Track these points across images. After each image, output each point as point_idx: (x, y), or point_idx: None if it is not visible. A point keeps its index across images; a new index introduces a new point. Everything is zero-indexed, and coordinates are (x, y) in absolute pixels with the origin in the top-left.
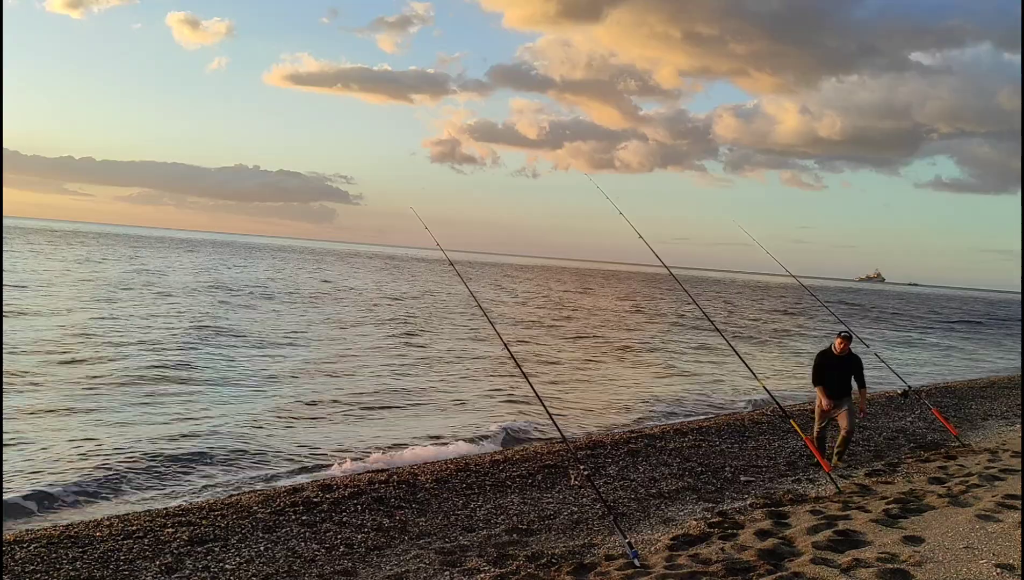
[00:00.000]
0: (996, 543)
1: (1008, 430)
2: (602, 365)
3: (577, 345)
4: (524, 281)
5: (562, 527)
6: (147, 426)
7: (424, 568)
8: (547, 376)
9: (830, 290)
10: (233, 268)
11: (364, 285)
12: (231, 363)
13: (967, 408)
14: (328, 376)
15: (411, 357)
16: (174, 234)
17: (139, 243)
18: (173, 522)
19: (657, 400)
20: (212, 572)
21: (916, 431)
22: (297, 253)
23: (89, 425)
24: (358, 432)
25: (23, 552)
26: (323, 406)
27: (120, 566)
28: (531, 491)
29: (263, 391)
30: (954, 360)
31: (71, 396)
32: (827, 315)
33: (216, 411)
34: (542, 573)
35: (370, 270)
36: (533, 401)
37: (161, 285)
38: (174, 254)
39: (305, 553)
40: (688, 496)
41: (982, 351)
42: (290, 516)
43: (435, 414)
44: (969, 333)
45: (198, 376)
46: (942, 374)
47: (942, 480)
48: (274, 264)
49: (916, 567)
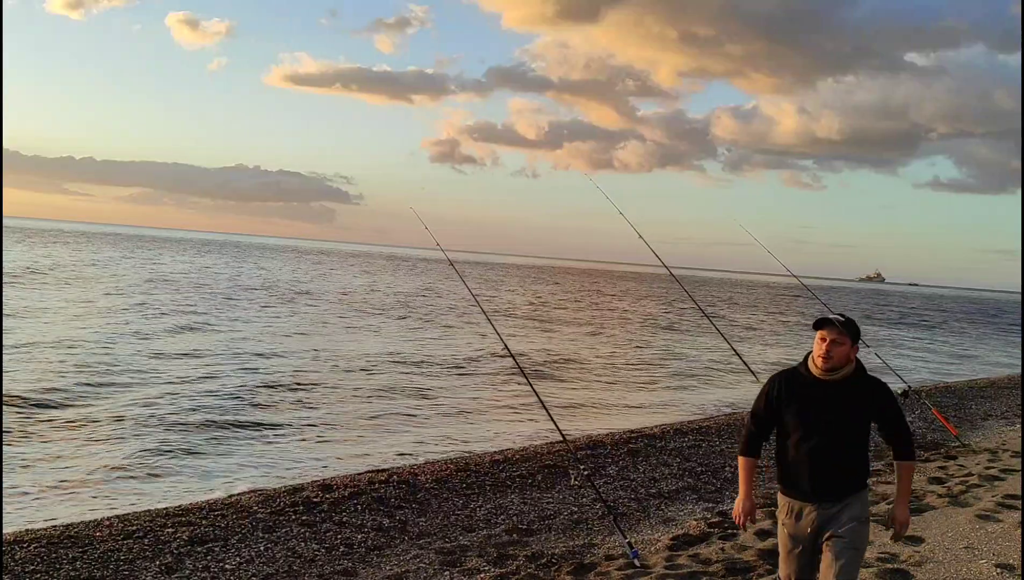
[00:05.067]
0: (996, 543)
1: (1008, 430)
2: (602, 365)
3: (577, 345)
4: (524, 282)
5: (562, 527)
6: (147, 426)
7: (424, 568)
8: (547, 376)
9: (836, 290)
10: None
11: (404, 284)
12: (235, 360)
13: (967, 408)
14: (327, 376)
15: (412, 357)
16: (175, 234)
17: (151, 245)
18: (173, 522)
19: (657, 400)
20: (212, 572)
21: (916, 431)
22: (312, 254)
23: (90, 424)
24: (359, 432)
25: (23, 552)
26: (323, 406)
27: (120, 566)
28: (531, 491)
29: (263, 390)
30: (954, 360)
31: (85, 394)
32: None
33: (216, 411)
34: (542, 573)
35: (388, 270)
36: (533, 401)
37: (222, 288)
38: (189, 256)
39: (305, 553)
40: (688, 496)
41: (982, 350)
42: (290, 516)
43: (435, 414)
44: (969, 333)
45: (200, 375)
46: (942, 374)
47: (942, 480)
48: (305, 265)
49: (916, 567)
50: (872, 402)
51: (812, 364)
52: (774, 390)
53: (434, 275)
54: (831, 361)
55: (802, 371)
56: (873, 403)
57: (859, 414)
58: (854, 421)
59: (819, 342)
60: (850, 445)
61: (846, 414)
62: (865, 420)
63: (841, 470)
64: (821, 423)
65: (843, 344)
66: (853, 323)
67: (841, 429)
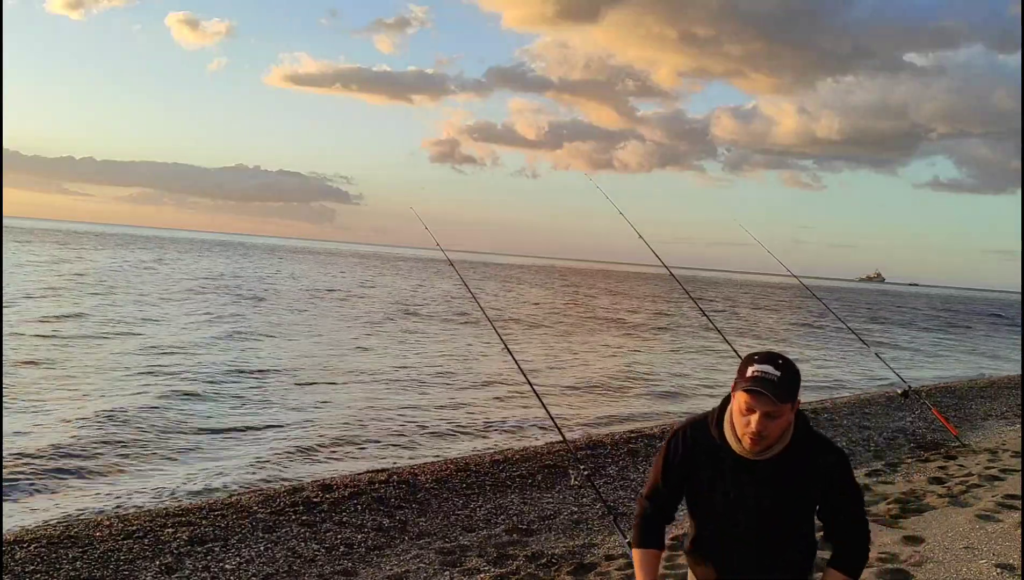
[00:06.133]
0: (996, 543)
1: (1008, 430)
2: (603, 365)
3: (578, 345)
4: (525, 281)
5: (562, 527)
6: (146, 426)
7: (424, 568)
8: (547, 376)
9: (836, 290)
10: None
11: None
12: (240, 360)
13: (967, 408)
14: (328, 374)
15: (410, 357)
16: (176, 234)
17: (158, 245)
18: (173, 522)
19: (657, 400)
20: (212, 572)
21: (916, 431)
22: (316, 254)
23: (90, 424)
24: (358, 433)
25: (23, 552)
26: (324, 405)
27: (120, 566)
28: (531, 491)
29: (264, 391)
30: (954, 359)
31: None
32: (829, 317)
33: (216, 409)
34: (542, 573)
35: (401, 271)
36: (533, 401)
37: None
38: (193, 256)
39: (305, 553)
40: None
41: (983, 350)
42: (290, 516)
43: (436, 415)
44: (968, 333)
45: (202, 375)
46: (942, 374)
47: (942, 480)
48: (319, 267)
49: (916, 567)
50: (821, 486)
51: (732, 435)
52: (675, 456)
53: (472, 276)
54: (764, 441)
55: (715, 437)
56: (824, 487)
57: (802, 504)
58: (793, 516)
59: (743, 410)
60: (784, 549)
61: (782, 506)
62: (810, 511)
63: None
64: (742, 519)
65: (780, 416)
66: (794, 375)
67: (774, 529)
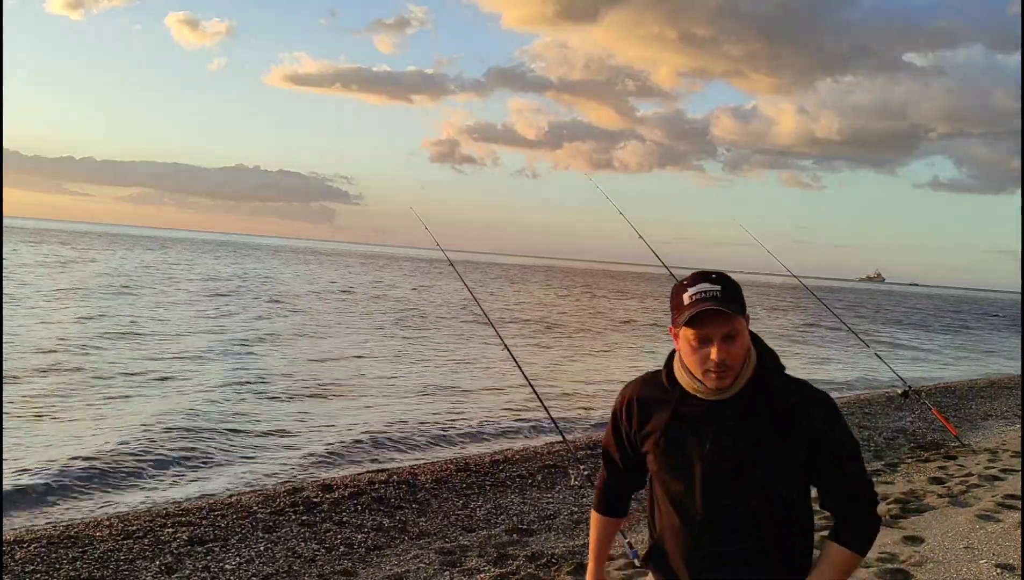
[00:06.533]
0: (996, 543)
1: (1008, 430)
2: (603, 365)
3: (578, 345)
4: (526, 281)
5: (562, 527)
6: (148, 425)
7: (424, 568)
8: (547, 376)
9: (836, 291)
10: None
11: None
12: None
13: (967, 408)
14: (327, 373)
15: (411, 356)
16: (176, 234)
17: (161, 245)
18: (173, 522)
19: None
20: (212, 572)
21: (916, 431)
22: (318, 254)
23: (92, 422)
24: (359, 432)
25: (23, 552)
26: (323, 405)
27: (120, 566)
28: (531, 491)
29: (264, 390)
30: (954, 359)
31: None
32: (829, 317)
33: (216, 410)
34: (542, 573)
35: (409, 271)
36: (533, 401)
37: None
38: (198, 256)
39: (305, 553)
40: None
41: (983, 350)
42: (290, 516)
43: (436, 415)
44: (969, 333)
45: (202, 373)
46: (942, 374)
47: (942, 480)
48: (320, 268)
49: (916, 567)
50: (806, 444)
51: (687, 376)
52: (624, 416)
53: (472, 276)
54: (731, 370)
55: (667, 385)
56: (809, 443)
57: (786, 454)
58: (777, 468)
59: (695, 345)
60: (763, 513)
61: (760, 450)
62: (788, 463)
63: (746, 558)
64: (708, 475)
65: (739, 334)
66: (734, 284)
67: (754, 487)
